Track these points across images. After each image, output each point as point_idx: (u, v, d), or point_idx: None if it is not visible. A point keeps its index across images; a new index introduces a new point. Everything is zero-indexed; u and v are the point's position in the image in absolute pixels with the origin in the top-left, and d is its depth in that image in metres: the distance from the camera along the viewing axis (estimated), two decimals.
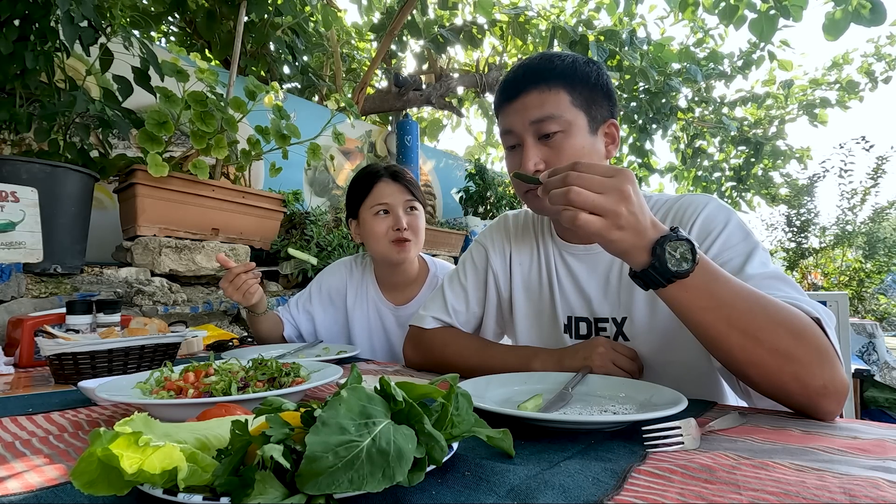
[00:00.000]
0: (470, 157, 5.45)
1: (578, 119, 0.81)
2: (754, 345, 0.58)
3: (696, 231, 0.79)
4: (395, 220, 1.26)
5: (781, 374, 0.58)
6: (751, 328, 0.57)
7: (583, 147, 0.80)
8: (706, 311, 0.58)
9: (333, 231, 2.49)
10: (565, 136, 0.80)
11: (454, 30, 3.70)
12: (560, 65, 0.81)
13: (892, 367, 2.82)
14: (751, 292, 0.59)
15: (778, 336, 0.57)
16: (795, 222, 6.23)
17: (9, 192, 1.39)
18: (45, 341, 0.91)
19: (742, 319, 0.58)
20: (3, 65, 1.62)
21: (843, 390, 0.57)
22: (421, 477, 0.38)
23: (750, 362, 0.59)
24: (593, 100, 0.82)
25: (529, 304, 0.96)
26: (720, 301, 0.58)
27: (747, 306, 0.58)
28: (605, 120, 0.84)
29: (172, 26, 3.33)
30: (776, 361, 0.57)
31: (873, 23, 3.05)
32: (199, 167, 1.91)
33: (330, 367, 0.83)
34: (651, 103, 4.16)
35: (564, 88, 0.80)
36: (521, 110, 0.81)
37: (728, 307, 0.58)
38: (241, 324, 2.12)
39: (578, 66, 0.82)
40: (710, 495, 0.39)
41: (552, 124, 0.79)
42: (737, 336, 0.58)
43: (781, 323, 0.57)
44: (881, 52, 4.73)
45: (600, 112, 0.83)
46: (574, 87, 0.81)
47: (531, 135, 0.81)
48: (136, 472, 0.33)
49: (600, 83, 0.83)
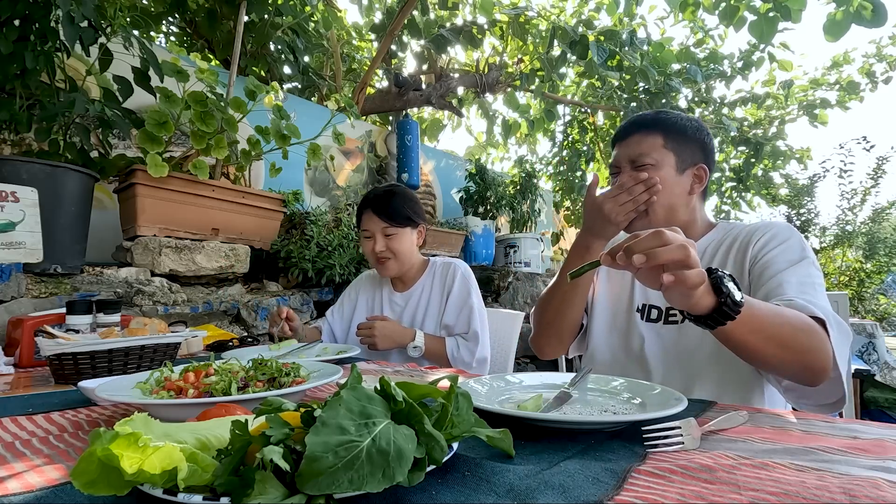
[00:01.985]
0: (470, 158, 5.45)
1: (668, 158, 1.01)
2: (784, 351, 0.74)
3: (762, 242, 0.96)
4: (373, 243, 1.50)
5: (799, 365, 0.76)
6: (783, 341, 0.74)
7: (666, 179, 1.00)
8: (750, 333, 0.72)
9: (333, 231, 2.49)
10: (654, 168, 1.00)
11: (454, 30, 3.70)
12: (663, 118, 1.04)
13: (892, 367, 2.82)
14: (776, 311, 0.75)
15: (800, 341, 0.74)
16: (796, 222, 6.23)
17: (9, 192, 1.39)
18: (45, 341, 0.91)
19: (776, 336, 0.73)
20: (3, 65, 1.62)
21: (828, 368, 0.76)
22: (421, 477, 0.38)
23: (780, 363, 0.77)
24: (685, 146, 1.02)
25: (610, 285, 1.15)
26: (761, 324, 0.72)
27: (778, 324, 0.73)
28: (696, 164, 1.03)
29: (172, 26, 3.33)
30: (797, 357, 0.75)
31: (874, 24, 3.05)
32: (199, 167, 1.91)
33: (330, 367, 0.83)
34: (651, 103, 4.16)
35: (661, 135, 1.02)
36: (625, 147, 1.04)
37: (767, 329, 0.73)
38: (241, 324, 2.12)
39: (679, 121, 1.04)
40: (710, 495, 0.39)
41: (645, 159, 1.00)
42: (773, 348, 0.74)
43: (801, 329, 0.74)
44: (882, 53, 4.72)
45: (691, 157, 1.03)
46: (668, 134, 1.02)
47: (627, 164, 1.03)
48: (136, 472, 0.33)
49: (696, 137, 1.03)
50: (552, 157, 5.37)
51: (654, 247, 0.63)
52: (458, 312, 1.50)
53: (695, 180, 1.03)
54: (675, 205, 1.01)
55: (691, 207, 1.05)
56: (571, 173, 5.08)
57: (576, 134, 5.16)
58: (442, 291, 1.55)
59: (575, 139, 5.17)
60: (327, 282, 2.40)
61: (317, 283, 2.41)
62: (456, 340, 1.47)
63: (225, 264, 2.10)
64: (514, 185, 4.25)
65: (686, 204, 1.04)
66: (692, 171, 1.03)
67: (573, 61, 4.04)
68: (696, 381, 0.96)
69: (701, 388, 0.96)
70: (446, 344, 1.46)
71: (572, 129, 5.17)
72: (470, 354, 1.44)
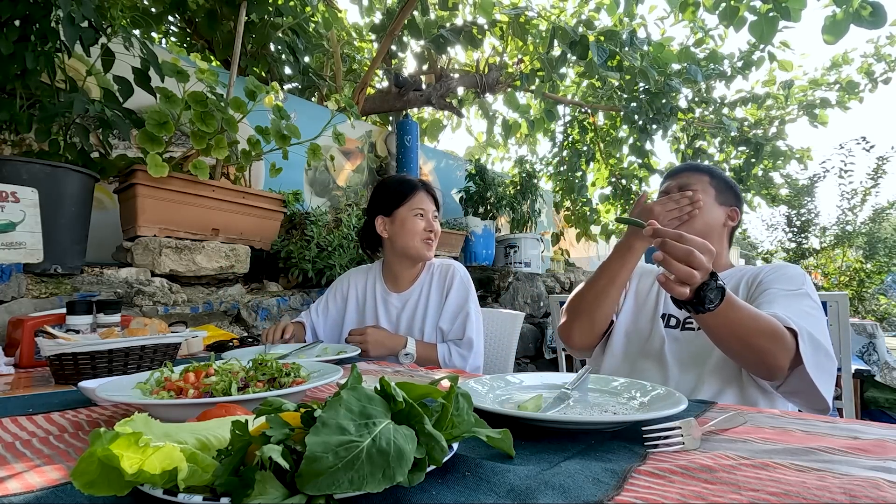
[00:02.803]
0: (470, 158, 5.45)
1: (710, 191, 1.20)
2: (745, 347, 0.90)
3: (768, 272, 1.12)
4: (428, 223, 1.51)
5: (758, 361, 0.92)
6: (745, 337, 0.89)
7: (707, 203, 1.18)
8: (721, 327, 0.90)
9: (333, 231, 2.49)
10: (696, 192, 1.17)
11: (454, 30, 3.70)
12: (709, 167, 1.26)
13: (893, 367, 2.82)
14: (752, 315, 0.88)
15: (761, 341, 0.89)
16: (796, 223, 6.23)
17: (9, 192, 1.39)
18: (45, 341, 0.91)
19: (742, 332, 0.89)
20: (3, 65, 1.62)
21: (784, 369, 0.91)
22: (421, 477, 0.38)
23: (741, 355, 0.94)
24: (725, 190, 1.22)
25: (637, 294, 1.29)
26: (732, 322, 0.87)
27: (746, 324, 0.88)
28: (731, 205, 1.22)
29: (173, 26, 3.33)
30: (756, 355, 0.91)
31: (874, 25, 3.05)
32: (200, 167, 1.91)
33: (330, 367, 0.83)
34: (651, 104, 4.16)
35: (707, 176, 1.23)
36: (676, 179, 1.24)
37: (735, 326, 0.88)
38: (242, 324, 2.12)
39: (722, 174, 1.25)
40: (710, 495, 0.39)
41: (692, 185, 1.20)
42: (735, 341, 0.91)
43: (764, 333, 0.89)
44: (881, 53, 4.72)
45: (728, 199, 1.22)
46: (713, 178, 1.23)
47: (676, 188, 1.22)
48: (136, 473, 0.33)
49: (734, 189, 1.24)
50: (552, 158, 5.37)
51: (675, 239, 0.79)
52: (453, 318, 1.48)
53: (728, 217, 1.21)
54: (711, 228, 1.18)
55: (722, 241, 1.21)
56: (571, 173, 5.08)
57: (576, 134, 5.16)
58: (441, 293, 1.53)
59: (575, 139, 5.17)
60: (327, 282, 2.40)
61: (317, 283, 2.41)
62: (448, 347, 1.44)
63: (225, 264, 2.10)
64: (514, 186, 4.25)
65: (720, 234, 1.20)
66: (728, 210, 1.22)
67: (573, 61, 4.04)
68: (705, 382, 1.06)
69: (708, 387, 1.05)
70: (438, 350, 1.43)
71: (572, 130, 5.17)
72: (462, 361, 1.43)
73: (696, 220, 1.16)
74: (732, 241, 1.28)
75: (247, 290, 2.29)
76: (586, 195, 5.11)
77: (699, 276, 0.79)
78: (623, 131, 4.99)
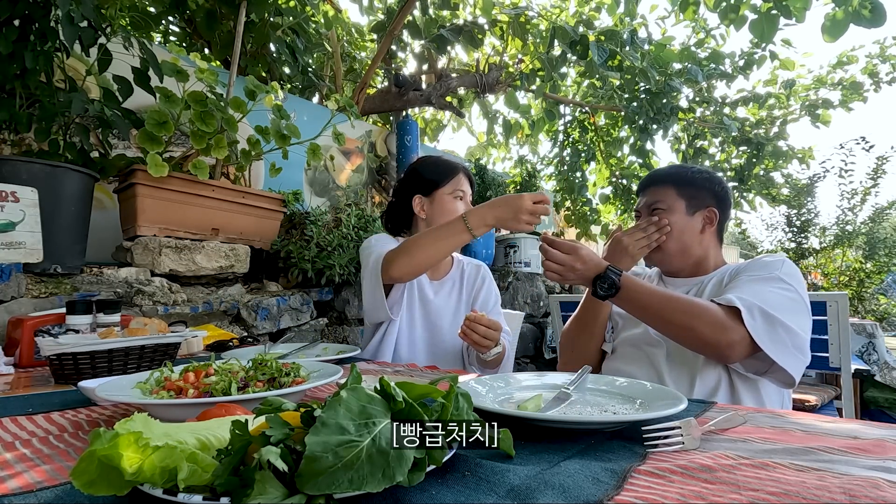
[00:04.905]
0: (470, 158, 5.45)
1: (678, 204, 1.21)
2: (667, 326, 1.02)
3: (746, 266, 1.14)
4: (467, 206, 1.50)
5: (689, 338, 1.00)
6: (663, 316, 1.00)
7: (677, 221, 1.20)
8: (635, 311, 1.06)
9: (333, 231, 2.49)
10: (666, 212, 1.21)
11: (454, 30, 3.69)
12: (673, 172, 1.26)
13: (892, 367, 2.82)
14: (666, 298, 1.01)
15: (680, 320, 0.98)
16: (796, 222, 6.23)
17: (9, 192, 1.39)
18: (45, 341, 0.91)
19: (657, 311, 1.01)
20: (3, 65, 1.62)
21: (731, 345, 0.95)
22: (421, 477, 0.38)
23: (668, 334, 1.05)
24: (696, 193, 1.21)
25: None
26: (641, 304, 1.03)
27: (661, 306, 1.00)
28: (706, 206, 1.21)
29: (172, 26, 3.32)
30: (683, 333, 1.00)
31: (873, 24, 3.04)
32: (199, 167, 1.91)
33: (330, 367, 0.83)
34: (652, 103, 4.15)
35: (673, 187, 1.22)
36: (644, 197, 1.28)
37: (647, 308, 1.02)
38: (241, 324, 2.12)
39: (689, 173, 1.24)
40: (710, 495, 0.39)
41: (658, 204, 1.22)
42: (654, 320, 1.04)
43: (685, 312, 0.98)
44: (885, 54, 4.70)
45: (702, 201, 1.21)
46: (680, 185, 1.22)
47: (646, 209, 1.26)
48: (136, 472, 0.33)
49: (707, 186, 1.22)
50: (552, 158, 5.37)
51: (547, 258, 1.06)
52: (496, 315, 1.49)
53: (706, 221, 1.21)
54: (687, 242, 1.20)
55: (704, 245, 1.22)
56: (572, 173, 5.07)
57: (576, 134, 5.16)
58: (470, 292, 1.53)
59: (575, 139, 5.17)
60: (327, 282, 2.40)
61: (316, 283, 2.41)
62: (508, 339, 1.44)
63: (225, 264, 2.10)
64: (514, 185, 4.25)
65: (699, 242, 1.21)
66: (703, 213, 1.21)
67: (573, 61, 4.03)
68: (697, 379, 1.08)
69: (701, 385, 1.08)
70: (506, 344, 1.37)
71: (573, 129, 5.16)
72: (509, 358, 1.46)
73: (669, 241, 1.19)
74: (723, 239, 1.28)
75: (247, 290, 2.29)
76: (587, 195, 5.10)
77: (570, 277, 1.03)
78: (624, 131, 4.99)
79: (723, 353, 0.97)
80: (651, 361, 1.15)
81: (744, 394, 1.05)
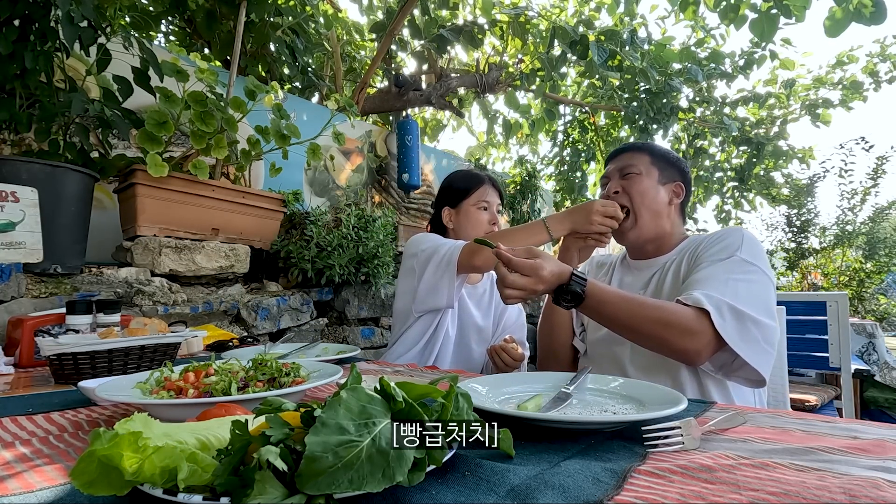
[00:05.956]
0: (470, 158, 5.45)
1: (653, 171, 1.19)
2: (635, 335, 0.97)
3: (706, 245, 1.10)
4: (492, 216, 1.56)
5: (658, 346, 0.96)
6: (632, 326, 0.95)
7: (648, 188, 1.18)
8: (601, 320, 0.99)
9: (333, 231, 2.49)
10: (639, 177, 1.19)
11: (454, 30, 3.69)
12: (650, 145, 1.24)
13: (892, 367, 2.82)
14: (635, 306, 0.95)
15: (649, 330, 0.93)
16: (796, 222, 6.22)
17: (9, 192, 1.39)
18: (45, 341, 0.91)
19: (625, 322, 0.95)
20: (3, 65, 1.62)
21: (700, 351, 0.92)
22: (421, 477, 0.38)
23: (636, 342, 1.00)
24: (667, 167, 1.21)
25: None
26: (607, 315, 0.96)
27: (629, 316, 0.94)
28: (674, 181, 1.22)
29: (172, 26, 3.32)
30: (652, 343, 0.96)
31: (874, 21, 3.04)
32: (199, 167, 1.91)
33: (330, 367, 0.83)
34: (652, 103, 4.16)
35: (648, 155, 1.21)
36: (617, 162, 1.24)
37: (613, 317, 0.96)
38: (241, 324, 2.12)
39: (663, 149, 1.24)
40: (710, 495, 0.39)
41: (632, 168, 1.20)
42: (621, 330, 0.98)
43: (648, 319, 0.93)
44: (886, 53, 4.70)
45: (671, 175, 1.21)
46: (655, 155, 1.21)
47: (616, 173, 1.23)
48: (136, 472, 0.33)
49: (678, 163, 1.23)
50: (552, 157, 5.37)
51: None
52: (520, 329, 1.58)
53: (673, 195, 1.21)
54: (658, 211, 1.18)
55: (671, 219, 1.21)
56: (572, 173, 5.08)
57: (576, 134, 5.16)
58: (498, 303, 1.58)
59: (576, 139, 5.17)
60: (327, 282, 2.40)
61: (316, 283, 2.41)
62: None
63: (225, 264, 2.10)
64: (514, 185, 4.25)
65: (667, 214, 1.20)
66: (672, 186, 1.21)
67: (573, 61, 4.03)
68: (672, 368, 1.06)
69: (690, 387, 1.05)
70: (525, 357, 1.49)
71: (573, 129, 5.17)
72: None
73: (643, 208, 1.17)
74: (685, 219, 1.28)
75: (246, 290, 2.29)
76: (586, 195, 5.10)
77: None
78: (624, 131, 4.99)
79: (690, 359, 0.95)
80: (617, 362, 1.15)
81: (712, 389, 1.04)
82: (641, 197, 1.17)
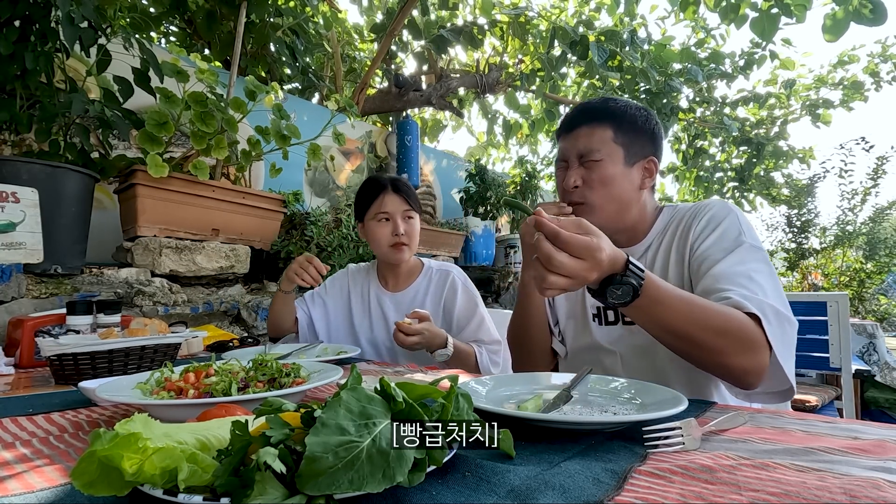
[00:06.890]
0: (470, 158, 5.45)
1: (616, 153, 0.96)
2: (686, 344, 0.76)
3: (699, 228, 0.94)
4: (394, 226, 1.42)
5: (709, 362, 0.77)
6: (684, 334, 0.74)
7: (614, 175, 0.96)
8: (648, 324, 0.77)
9: (333, 231, 2.49)
10: (601, 164, 0.96)
11: (454, 30, 3.70)
12: (612, 107, 0.98)
13: (893, 367, 2.82)
14: (689, 307, 0.74)
15: (705, 337, 0.73)
16: (796, 223, 6.22)
17: (9, 192, 1.39)
18: (45, 342, 0.91)
19: (680, 329, 0.74)
20: (3, 65, 1.62)
21: (760, 371, 0.75)
22: (421, 477, 0.38)
23: (685, 355, 0.79)
24: (636, 139, 0.97)
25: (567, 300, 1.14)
26: (658, 319, 0.74)
27: (687, 320, 0.73)
28: (646, 157, 0.99)
29: (172, 27, 3.33)
30: (704, 354, 0.76)
31: (874, 22, 3.05)
32: (200, 168, 1.91)
33: (330, 367, 0.83)
34: (652, 103, 4.16)
35: (611, 126, 0.97)
36: (573, 140, 0.99)
37: (665, 323, 0.74)
38: (242, 324, 2.12)
39: (629, 110, 0.98)
40: (710, 496, 0.39)
41: (594, 154, 0.96)
42: (671, 339, 0.77)
43: (709, 327, 0.73)
44: (887, 53, 4.70)
45: (641, 150, 0.98)
46: (620, 126, 0.97)
47: (575, 159, 0.99)
48: (136, 473, 0.33)
49: (647, 127, 0.98)
50: (552, 158, 5.37)
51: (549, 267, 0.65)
52: (476, 327, 1.43)
53: (645, 174, 0.99)
54: (625, 201, 0.97)
55: (641, 204, 1.01)
56: None
57: None
58: (437, 301, 1.47)
59: None
60: None
61: None
62: (482, 349, 1.40)
63: (225, 265, 2.10)
64: (514, 186, 4.25)
65: (637, 201, 0.99)
66: (643, 163, 0.98)
67: (573, 61, 4.04)
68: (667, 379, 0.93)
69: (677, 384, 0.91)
70: (476, 353, 1.37)
71: None
72: (496, 363, 1.40)
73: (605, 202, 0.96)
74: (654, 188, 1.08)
75: (247, 291, 2.29)
76: None
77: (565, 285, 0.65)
78: None
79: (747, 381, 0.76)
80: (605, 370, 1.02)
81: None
82: (606, 188, 0.96)
